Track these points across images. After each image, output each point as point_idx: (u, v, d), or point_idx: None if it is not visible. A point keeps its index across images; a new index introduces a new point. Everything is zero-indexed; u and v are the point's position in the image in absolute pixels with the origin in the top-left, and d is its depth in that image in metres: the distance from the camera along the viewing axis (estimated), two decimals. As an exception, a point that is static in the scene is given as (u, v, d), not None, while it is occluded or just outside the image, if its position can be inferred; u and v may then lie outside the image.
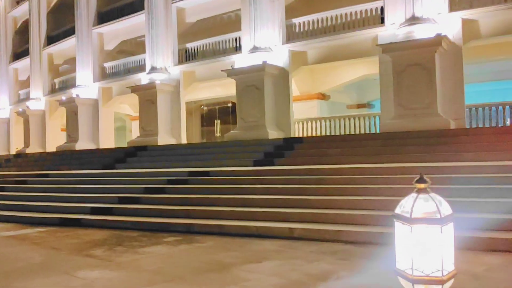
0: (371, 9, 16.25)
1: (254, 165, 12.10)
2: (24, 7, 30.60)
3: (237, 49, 19.59)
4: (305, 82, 20.90)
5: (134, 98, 21.76)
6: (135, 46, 26.80)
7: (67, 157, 19.15)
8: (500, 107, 14.19)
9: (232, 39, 19.80)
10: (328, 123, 17.75)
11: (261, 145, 14.05)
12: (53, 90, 28.73)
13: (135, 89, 21.23)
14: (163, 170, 12.26)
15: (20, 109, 29.39)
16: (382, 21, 15.68)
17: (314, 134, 18.33)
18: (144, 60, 22.11)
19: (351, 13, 16.66)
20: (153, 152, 16.32)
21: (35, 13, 28.84)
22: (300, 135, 18.47)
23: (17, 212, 10.62)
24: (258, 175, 10.28)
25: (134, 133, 28.14)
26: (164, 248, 7.25)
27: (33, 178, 13.29)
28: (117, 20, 23.69)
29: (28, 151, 27.37)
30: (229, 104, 25.08)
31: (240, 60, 18.38)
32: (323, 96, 21.26)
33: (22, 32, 32.01)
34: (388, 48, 14.23)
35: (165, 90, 20.83)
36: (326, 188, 8.81)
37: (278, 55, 17.80)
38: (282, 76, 17.72)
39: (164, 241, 7.70)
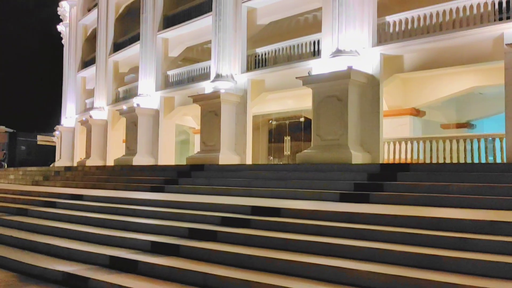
0: (493, 1, 12.60)
1: (342, 200, 8.95)
2: (94, 14, 29.86)
3: (315, 54, 16.62)
4: (395, 94, 17.39)
5: (198, 110, 19.44)
6: (200, 53, 24.78)
7: (116, 173, 17.10)
8: None
9: (310, 43, 16.86)
10: (429, 145, 14.11)
11: (347, 171, 10.82)
12: (116, 100, 27.43)
13: (197, 98, 18.90)
14: (218, 201, 9.13)
15: (83, 118, 28.38)
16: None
17: (409, 158, 14.77)
18: (209, 67, 19.80)
19: (464, 8, 13.09)
20: (211, 174, 13.63)
21: (103, 20, 27.88)
22: (391, 159, 14.97)
23: (22, 254, 7.71)
24: (352, 221, 6.87)
25: (196, 147, 25.94)
26: None
27: (64, 201, 11.04)
28: (183, 24, 21.71)
29: (88, 162, 26.10)
30: (301, 119, 22.04)
31: (319, 66, 15.37)
32: (417, 112, 17.57)
33: (91, 40, 31.37)
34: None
35: (230, 101, 18.27)
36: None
37: (367, 60, 14.58)
38: (371, 86, 14.46)
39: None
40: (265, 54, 18.40)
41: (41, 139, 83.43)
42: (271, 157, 24.17)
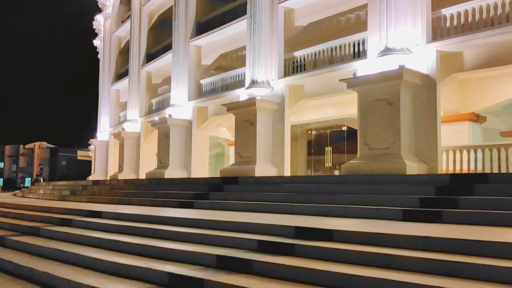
0: None
1: (406, 219, 7.27)
2: (127, 26, 29.40)
3: (360, 55, 15.05)
4: (450, 98, 15.52)
5: (232, 120, 18.14)
6: (235, 61, 23.65)
7: (144, 187, 15.91)
8: None
9: (354, 43, 15.31)
10: (497, 154, 12.20)
11: (408, 184, 9.04)
12: (149, 112, 26.62)
13: (231, 107, 17.62)
14: (254, 220, 7.63)
15: (116, 131, 27.73)
16: None
17: (472, 170, 12.88)
18: (244, 74, 18.53)
19: (537, -6, 11.25)
20: (245, 187, 12.15)
21: (136, 31, 27.31)
22: (450, 170, 13.11)
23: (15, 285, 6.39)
24: (429, 247, 5.16)
25: (231, 160, 24.67)
26: None
27: (82, 218, 9.82)
28: (216, 29, 20.62)
29: (121, 176, 25.29)
30: (344, 128, 20.38)
31: (365, 68, 13.77)
32: (477, 118, 15.59)
33: (125, 52, 30.92)
34: None
35: (267, 108, 16.88)
36: None
37: (420, 58, 12.90)
38: (426, 87, 12.74)
39: None
40: (304, 57, 16.97)
41: (80, 154, 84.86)
42: (310, 171, 22.55)
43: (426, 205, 7.65)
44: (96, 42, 38.26)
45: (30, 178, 77.13)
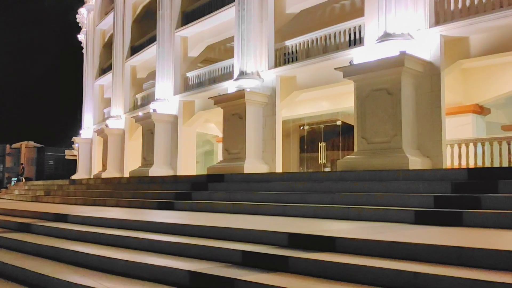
0: None
1: (419, 222, 6.14)
2: (111, 18, 28.05)
3: (356, 42, 13.97)
4: (453, 88, 14.48)
5: (221, 115, 16.97)
6: (223, 52, 22.48)
7: (123, 187, 14.70)
8: None
9: (350, 30, 14.22)
10: (507, 147, 11.18)
11: (418, 180, 7.81)
12: (134, 107, 25.36)
13: (219, 100, 16.47)
14: (241, 224, 6.48)
15: (100, 128, 26.41)
16: None
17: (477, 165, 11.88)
18: (233, 66, 17.36)
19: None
20: (232, 185, 10.99)
21: (119, 23, 26.01)
22: (456, 165, 12.10)
23: None
24: (465, 260, 3.97)
25: (220, 157, 23.52)
26: None
27: (44, 223, 8.55)
28: (203, 18, 19.41)
29: (104, 175, 24.01)
30: (338, 122, 19.30)
31: (362, 56, 12.68)
32: (481, 110, 14.59)
33: (110, 46, 29.57)
34: None
35: (257, 101, 15.76)
36: None
37: (423, 44, 11.84)
38: (429, 75, 11.68)
39: None
40: (296, 46, 15.85)
41: (68, 154, 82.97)
42: (302, 168, 21.45)
43: (442, 205, 6.56)
44: (81, 36, 36.83)
45: (16, 178, 75.49)
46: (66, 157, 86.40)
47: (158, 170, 19.56)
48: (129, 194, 12.49)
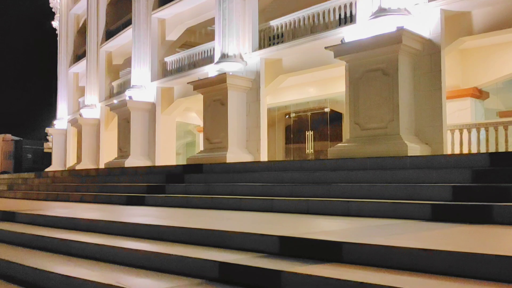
0: None
1: (436, 218, 5.06)
2: (85, 1, 26.38)
3: (347, 21, 12.86)
4: (451, 70, 13.48)
5: (202, 103, 15.70)
6: (204, 36, 21.19)
7: (90, 179, 13.38)
8: None
9: (340, 7, 13.08)
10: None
11: (428, 168, 6.65)
12: (110, 96, 23.89)
13: (198, 84, 15.23)
14: (219, 225, 5.33)
15: (74, 118, 24.90)
16: None
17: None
18: (214, 50, 16.10)
19: None
20: (212, 177, 9.78)
21: (93, 6, 24.43)
22: (456, 151, 11.14)
23: None
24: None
25: (201, 147, 22.31)
26: None
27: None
28: (181, -3, 18.03)
29: (78, 167, 22.58)
30: (327, 109, 18.21)
31: (354, 35, 11.56)
32: (480, 94, 13.65)
33: (84, 32, 27.92)
34: None
35: (240, 86, 14.57)
36: None
37: (421, 20, 10.78)
38: (428, 54, 10.64)
39: None
40: (282, 27, 14.68)
41: (47, 147, 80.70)
42: (289, 159, 20.37)
43: (462, 197, 5.50)
44: (55, 23, 34.99)
45: (-7, 173, 73.13)
46: (45, 150, 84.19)
47: (134, 161, 18.27)
48: (97, 188, 11.22)
